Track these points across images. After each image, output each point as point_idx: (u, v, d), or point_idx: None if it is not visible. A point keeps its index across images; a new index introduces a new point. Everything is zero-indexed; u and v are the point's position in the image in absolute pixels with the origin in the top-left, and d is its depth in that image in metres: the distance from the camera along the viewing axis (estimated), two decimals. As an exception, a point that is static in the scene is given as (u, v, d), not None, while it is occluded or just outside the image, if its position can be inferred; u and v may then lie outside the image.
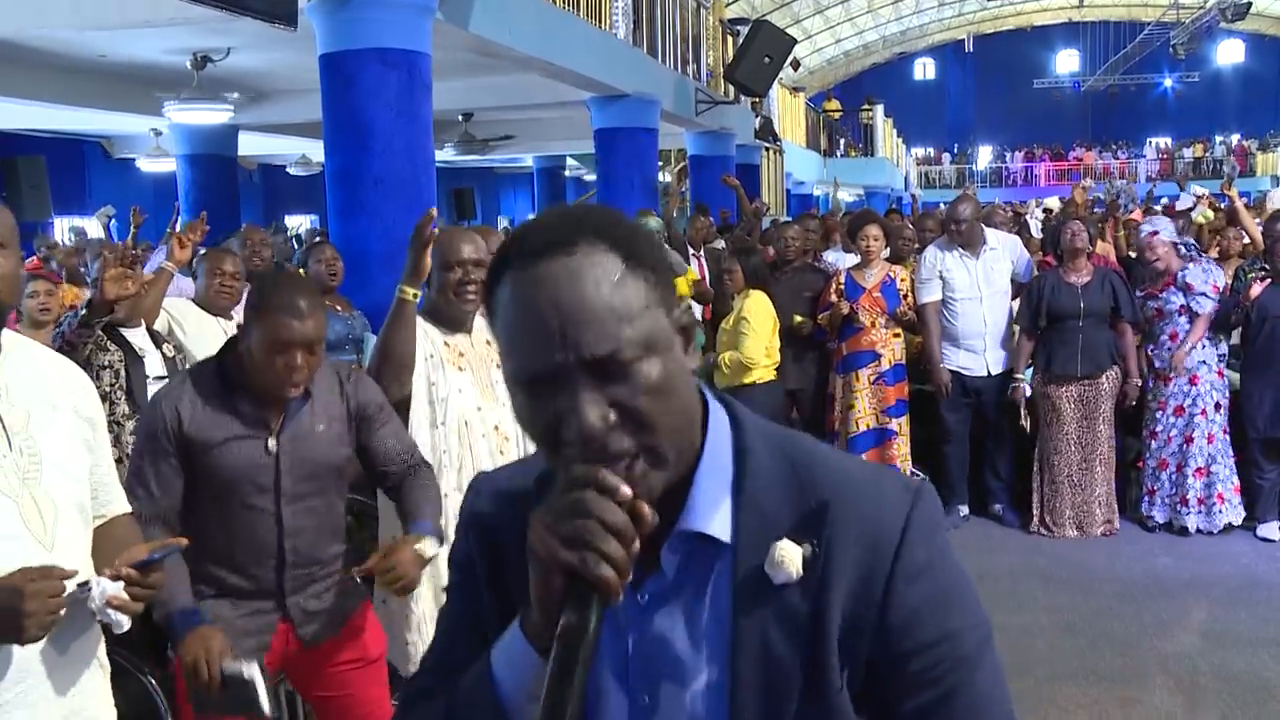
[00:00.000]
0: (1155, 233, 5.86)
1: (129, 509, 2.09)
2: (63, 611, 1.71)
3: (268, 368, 2.41)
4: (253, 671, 2.28)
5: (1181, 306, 5.70)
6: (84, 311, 3.59)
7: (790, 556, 0.97)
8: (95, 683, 1.93)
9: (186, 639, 2.31)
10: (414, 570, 2.48)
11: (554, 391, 0.92)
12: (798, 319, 6.13)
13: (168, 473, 2.45)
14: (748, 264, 5.73)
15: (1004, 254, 6.02)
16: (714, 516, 0.99)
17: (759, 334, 5.53)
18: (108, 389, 3.92)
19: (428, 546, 2.53)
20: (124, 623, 1.81)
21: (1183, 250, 5.91)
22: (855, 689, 0.97)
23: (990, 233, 6.08)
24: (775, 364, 5.71)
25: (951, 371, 5.98)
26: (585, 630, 0.86)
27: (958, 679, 0.96)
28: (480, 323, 3.13)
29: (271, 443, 2.47)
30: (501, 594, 1.05)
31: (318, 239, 7.01)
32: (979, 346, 5.93)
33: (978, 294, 5.91)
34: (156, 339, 4.06)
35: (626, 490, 0.88)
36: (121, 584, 1.80)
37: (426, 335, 3.01)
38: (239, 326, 2.53)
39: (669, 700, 0.99)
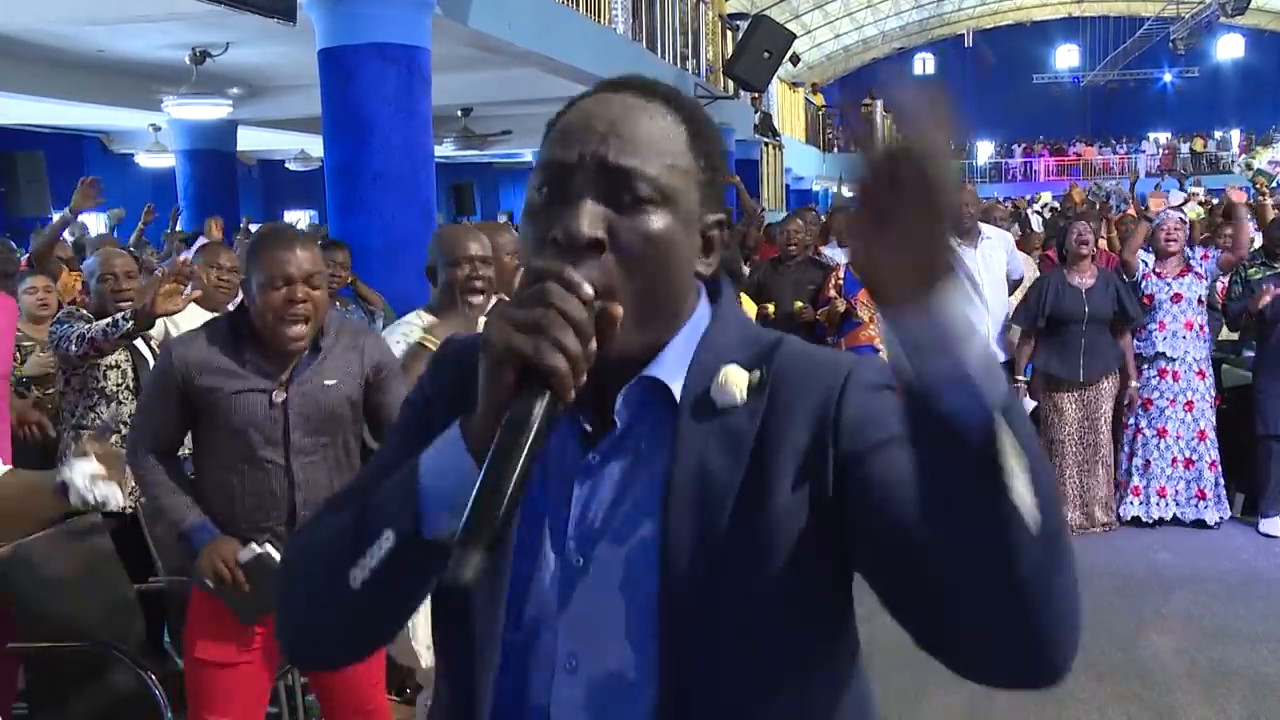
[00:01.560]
0: (1169, 209, 5.91)
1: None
2: None
3: (270, 307, 2.45)
4: (264, 548, 2.40)
5: (1200, 297, 5.71)
6: (128, 325, 3.57)
7: (735, 379, 0.97)
8: None
9: (201, 555, 2.44)
10: None
11: (564, 195, 0.93)
12: (798, 304, 6.11)
13: (166, 413, 2.53)
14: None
15: (999, 245, 6.03)
16: (676, 378, 0.98)
17: None
18: (115, 388, 3.92)
19: None
20: (116, 496, 1.84)
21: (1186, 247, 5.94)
22: (821, 514, 0.93)
23: (985, 227, 6.10)
24: None
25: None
26: (530, 420, 0.83)
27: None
28: (484, 322, 3.13)
29: (279, 394, 2.49)
30: None
31: (323, 239, 6.98)
32: None
33: (977, 281, 5.91)
34: (147, 339, 4.06)
35: (588, 288, 0.87)
36: (93, 459, 1.82)
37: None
38: (244, 290, 2.57)
39: (602, 558, 0.97)
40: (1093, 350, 5.63)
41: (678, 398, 0.98)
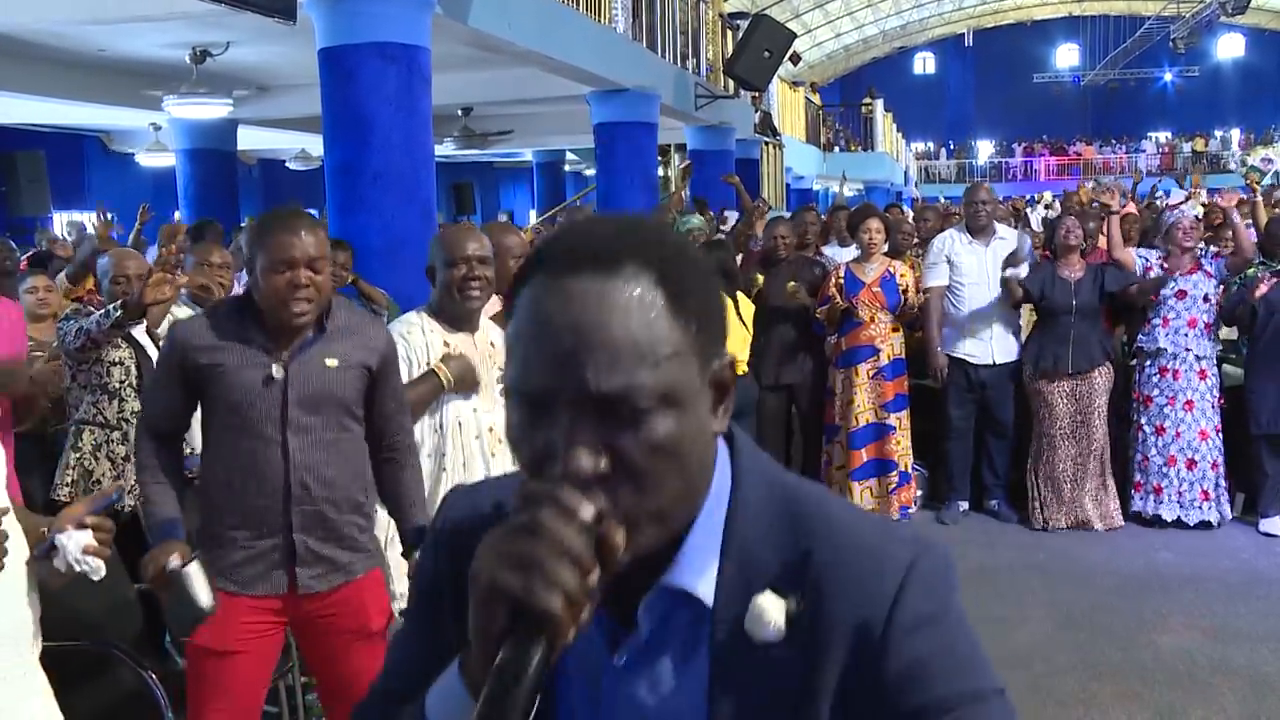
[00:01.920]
0: (1183, 208, 5.93)
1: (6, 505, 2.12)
2: (9, 543, 1.81)
3: (274, 290, 2.48)
4: (188, 568, 2.38)
5: (1206, 294, 5.72)
6: (118, 313, 3.59)
7: (772, 611, 0.87)
8: (36, 681, 2.01)
9: (156, 548, 2.47)
10: None
11: (549, 417, 0.82)
12: (790, 285, 6.07)
13: (171, 394, 2.58)
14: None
15: (1013, 244, 6.06)
16: (701, 576, 0.89)
17: None
18: (118, 385, 3.94)
19: None
20: (100, 569, 1.91)
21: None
22: None
23: (1001, 227, 6.15)
24: (740, 362, 5.59)
25: (957, 360, 5.99)
26: (523, 671, 0.74)
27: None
28: (485, 322, 3.14)
29: (278, 369, 2.52)
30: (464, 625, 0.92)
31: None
32: (985, 334, 5.95)
33: (986, 280, 5.93)
34: (154, 337, 4.07)
35: (588, 511, 0.78)
36: (89, 532, 1.90)
37: (426, 337, 3.00)
38: (248, 273, 2.59)
39: None
40: (1082, 341, 5.67)
41: (702, 598, 0.89)
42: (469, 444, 3.04)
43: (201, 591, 2.37)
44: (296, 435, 2.53)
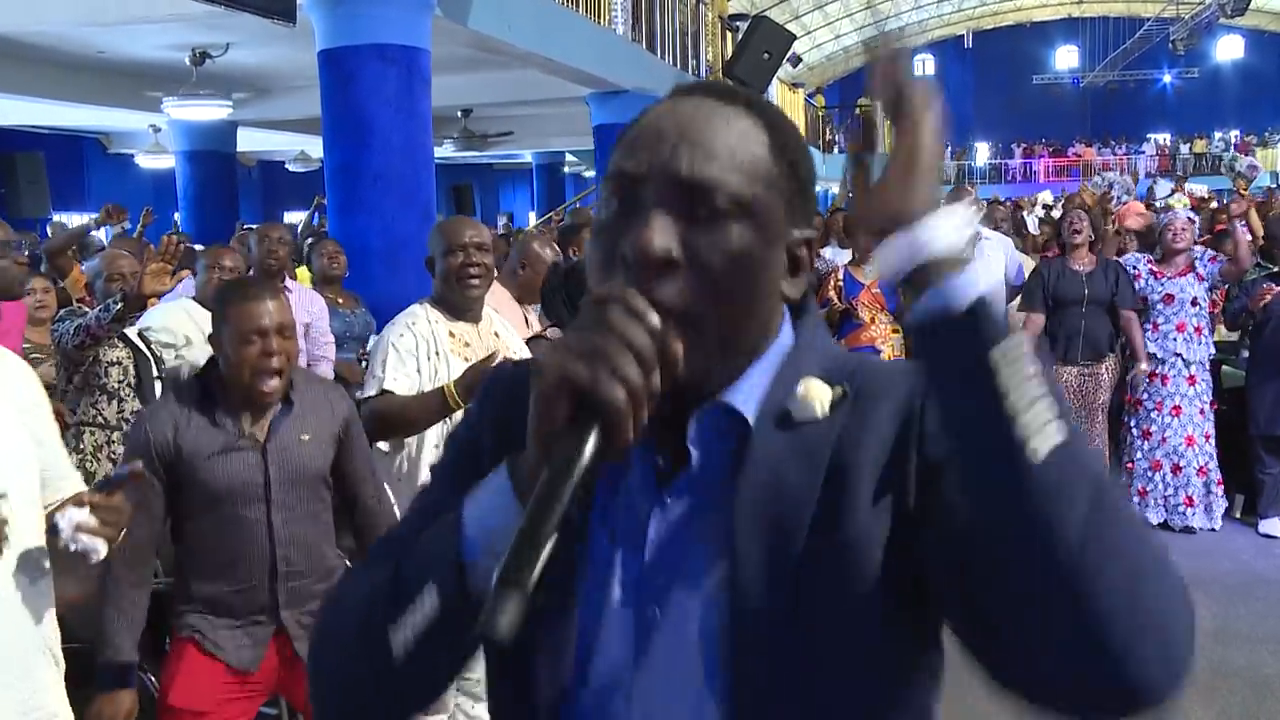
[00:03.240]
0: (1172, 208, 5.92)
1: (83, 487, 2.08)
2: (7, 528, 1.71)
3: (243, 361, 2.42)
4: None
5: (1194, 298, 5.72)
6: (118, 306, 3.60)
7: (817, 393, 0.89)
8: (50, 678, 1.92)
9: (105, 696, 2.40)
10: None
11: (634, 208, 0.85)
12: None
13: (151, 499, 2.44)
14: None
15: (998, 246, 6.11)
16: (753, 403, 0.90)
17: None
18: (116, 386, 3.93)
19: None
20: (99, 548, 1.81)
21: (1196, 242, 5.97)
22: (901, 529, 0.85)
23: (984, 230, 6.18)
24: None
25: None
26: (580, 458, 0.75)
27: None
28: (489, 312, 3.14)
29: (258, 452, 2.48)
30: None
31: (320, 234, 7.01)
32: None
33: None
34: (143, 337, 4.07)
35: (655, 318, 0.79)
36: (87, 509, 1.80)
37: (431, 326, 3.00)
38: (213, 347, 2.53)
39: (678, 608, 0.88)
40: (1090, 333, 5.67)
41: (749, 417, 0.89)
42: None
43: None
44: (280, 513, 2.49)
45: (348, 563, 2.74)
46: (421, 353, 2.94)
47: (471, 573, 0.82)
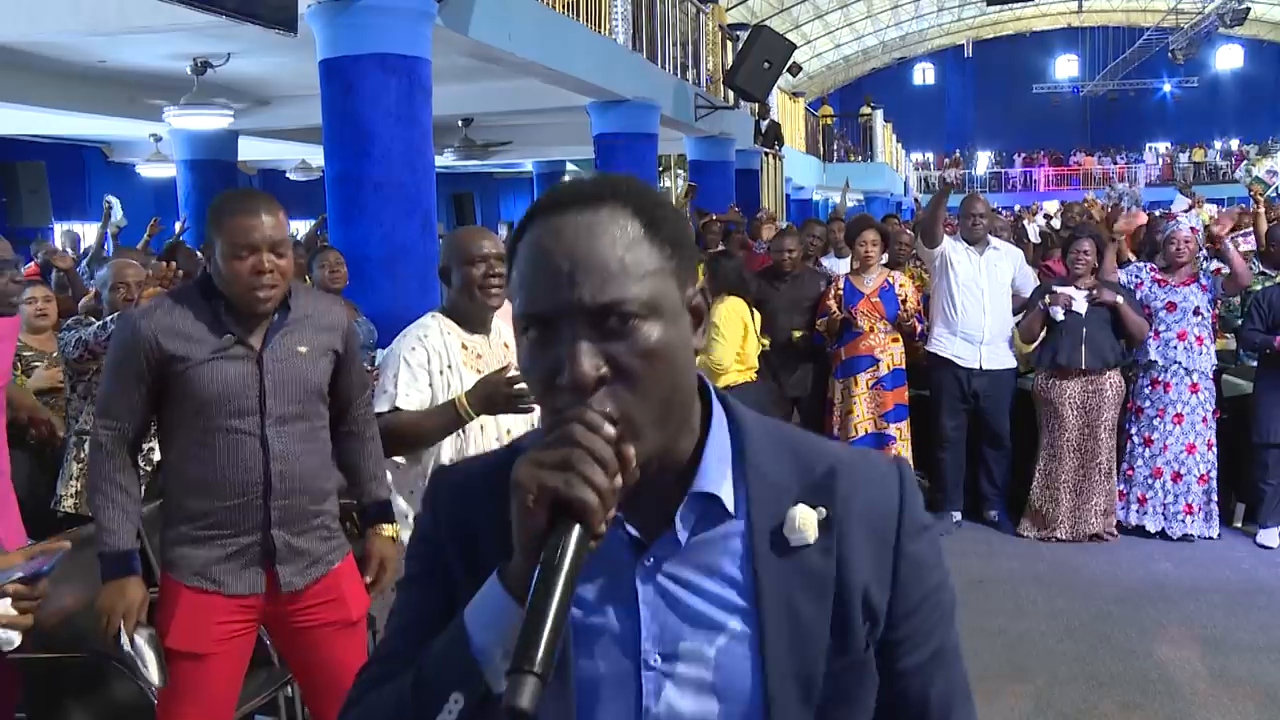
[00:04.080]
0: (1175, 216, 5.91)
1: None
2: None
3: (237, 276, 2.39)
4: (140, 642, 2.32)
5: (1197, 307, 5.71)
6: (114, 326, 3.60)
7: (807, 520, 1.01)
8: None
9: (109, 585, 2.38)
10: (395, 556, 2.62)
11: (555, 336, 0.94)
12: (796, 334, 6.15)
13: (137, 399, 2.43)
14: (721, 270, 5.60)
15: (1006, 257, 6.10)
16: (722, 485, 1.01)
17: (729, 341, 5.38)
18: None
19: (388, 527, 2.70)
20: (14, 639, 1.77)
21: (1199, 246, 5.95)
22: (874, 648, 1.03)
23: (995, 240, 6.17)
24: (751, 368, 5.60)
25: (948, 367, 5.99)
26: (565, 554, 0.87)
27: (944, 632, 1.07)
28: (499, 324, 3.12)
29: (254, 360, 2.44)
30: (474, 576, 1.00)
31: (321, 244, 7.02)
32: (976, 338, 5.96)
33: (979, 288, 5.94)
34: None
35: (610, 429, 0.90)
36: (8, 600, 1.75)
37: (444, 338, 2.98)
38: (205, 256, 2.49)
39: (689, 655, 1.00)
40: (1094, 340, 5.64)
41: (725, 502, 1.01)
42: (489, 447, 3.01)
43: (153, 669, 2.30)
44: (274, 426, 2.45)
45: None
46: (434, 366, 2.92)
47: (488, 676, 0.91)
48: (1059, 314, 5.65)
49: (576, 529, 0.88)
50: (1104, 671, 4.21)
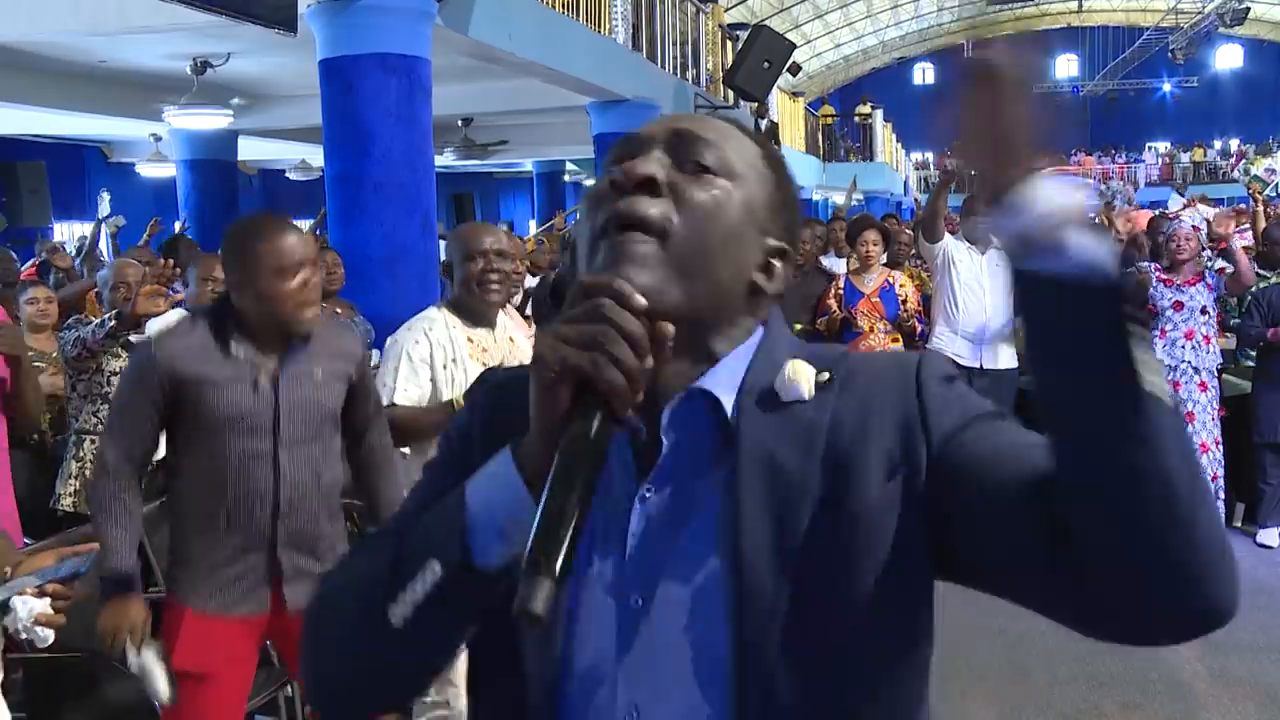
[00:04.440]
0: (1177, 216, 5.90)
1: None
2: None
3: (281, 297, 2.39)
4: (146, 658, 2.32)
5: (1204, 307, 5.71)
6: (112, 323, 3.61)
7: (803, 373, 0.93)
8: None
9: (111, 604, 2.38)
10: None
11: (632, 155, 0.94)
12: (796, 326, 6.14)
13: (148, 424, 2.44)
14: None
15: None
16: (728, 392, 0.94)
17: None
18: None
19: None
20: (49, 638, 1.82)
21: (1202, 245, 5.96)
22: (914, 509, 0.90)
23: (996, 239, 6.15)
24: None
25: (947, 358, 6.00)
26: (588, 439, 0.79)
27: (998, 426, 0.92)
28: (503, 318, 3.14)
29: (269, 384, 2.45)
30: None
31: (321, 246, 7.02)
32: (977, 337, 5.96)
33: (980, 287, 5.94)
34: None
35: (641, 299, 0.83)
36: (47, 600, 1.80)
37: (449, 332, 2.99)
38: (229, 284, 2.50)
39: (665, 596, 0.90)
40: None
41: (726, 407, 0.93)
42: None
43: (162, 685, 2.31)
44: (287, 449, 2.46)
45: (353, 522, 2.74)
46: (437, 360, 2.94)
47: (475, 550, 0.84)
48: None
49: (599, 417, 0.80)
50: (1104, 671, 4.20)
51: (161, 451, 2.60)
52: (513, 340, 3.11)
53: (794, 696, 0.88)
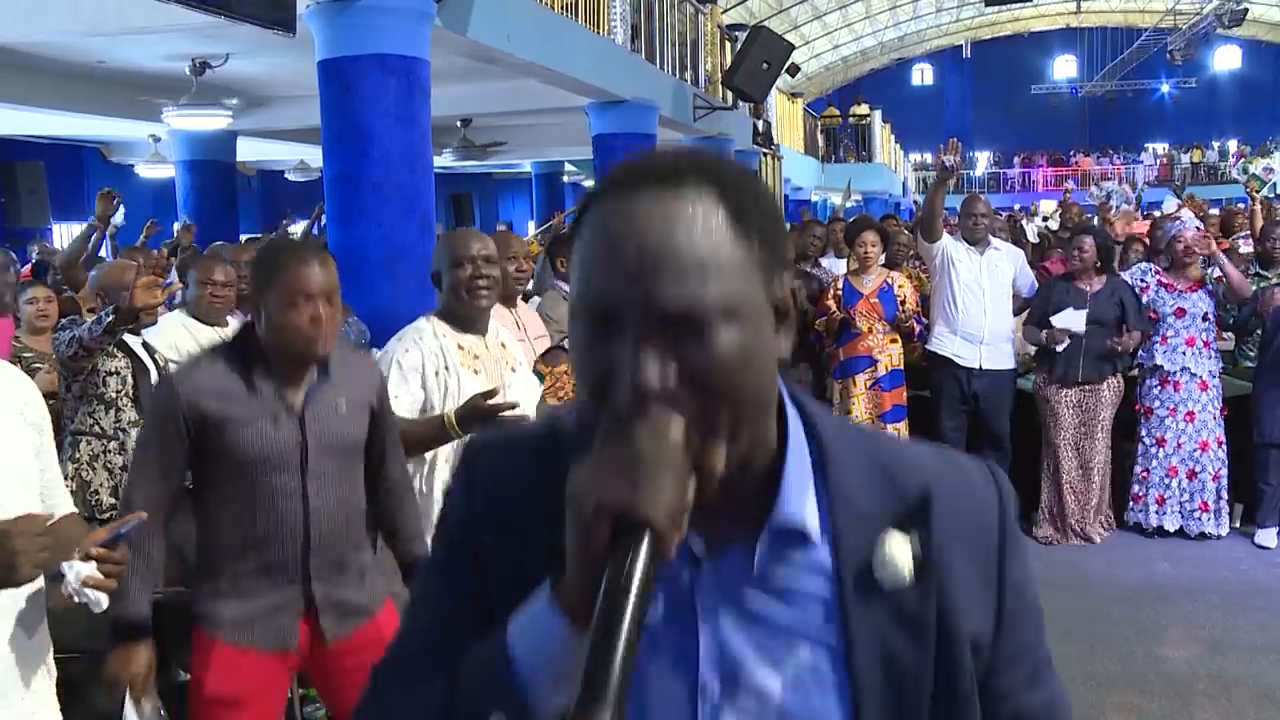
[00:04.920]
0: (1179, 217, 5.92)
1: (74, 509, 2.09)
2: (45, 554, 1.72)
3: (293, 326, 2.36)
4: (146, 711, 2.31)
5: (1205, 313, 5.71)
6: (109, 319, 3.60)
7: (900, 556, 0.89)
8: (43, 687, 1.94)
9: (118, 651, 2.36)
10: None
11: (616, 334, 0.82)
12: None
13: (174, 461, 2.40)
14: None
15: (1007, 258, 6.11)
16: (805, 511, 0.90)
17: None
18: (114, 395, 3.94)
19: None
20: (102, 601, 1.84)
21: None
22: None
23: (995, 240, 6.17)
24: None
25: (945, 361, 6.00)
26: (632, 580, 0.75)
27: (1040, 641, 0.99)
28: (494, 324, 3.14)
29: (295, 420, 2.42)
30: (516, 569, 0.89)
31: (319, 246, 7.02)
32: (976, 337, 5.96)
33: (980, 287, 5.94)
34: (150, 349, 4.08)
35: (678, 432, 0.79)
36: (94, 564, 1.82)
37: (439, 340, 2.99)
38: (251, 311, 2.49)
39: (752, 685, 0.88)
40: (1092, 353, 5.65)
41: (813, 535, 0.90)
42: None
43: None
44: (315, 481, 2.43)
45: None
46: (429, 369, 2.93)
47: (532, 699, 0.81)
48: (1061, 348, 5.66)
49: (644, 549, 0.76)
50: (1103, 671, 4.21)
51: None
52: (504, 346, 3.10)
53: None
